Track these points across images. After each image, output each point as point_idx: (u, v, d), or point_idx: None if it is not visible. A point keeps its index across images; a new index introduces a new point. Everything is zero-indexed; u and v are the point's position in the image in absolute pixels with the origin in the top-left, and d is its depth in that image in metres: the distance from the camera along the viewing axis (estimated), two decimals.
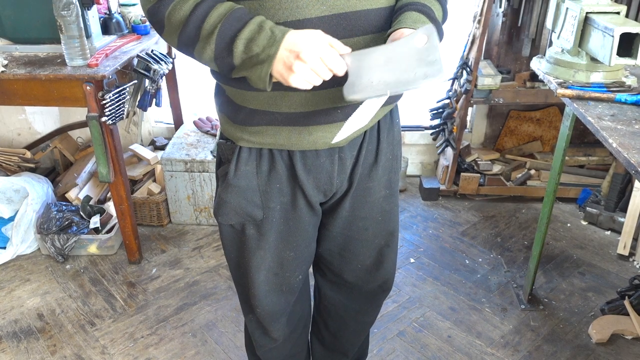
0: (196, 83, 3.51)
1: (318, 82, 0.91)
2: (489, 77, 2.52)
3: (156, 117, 3.11)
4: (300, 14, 0.96)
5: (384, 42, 0.97)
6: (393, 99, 1.16)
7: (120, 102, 2.04)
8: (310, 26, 0.97)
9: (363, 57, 0.91)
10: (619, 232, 2.46)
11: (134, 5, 2.44)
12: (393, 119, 1.23)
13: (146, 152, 2.73)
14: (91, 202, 2.53)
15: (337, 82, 1.02)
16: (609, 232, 2.57)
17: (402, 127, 1.30)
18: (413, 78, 0.88)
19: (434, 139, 2.89)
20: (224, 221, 1.21)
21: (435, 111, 2.78)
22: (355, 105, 0.98)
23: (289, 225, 1.21)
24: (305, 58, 0.88)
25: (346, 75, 0.93)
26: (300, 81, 0.90)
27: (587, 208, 2.63)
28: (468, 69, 2.56)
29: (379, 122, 1.18)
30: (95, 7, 2.10)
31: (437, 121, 2.78)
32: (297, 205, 1.18)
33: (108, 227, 2.47)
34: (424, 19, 0.99)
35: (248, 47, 0.91)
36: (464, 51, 2.63)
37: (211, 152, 2.55)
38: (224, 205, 1.18)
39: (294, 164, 1.12)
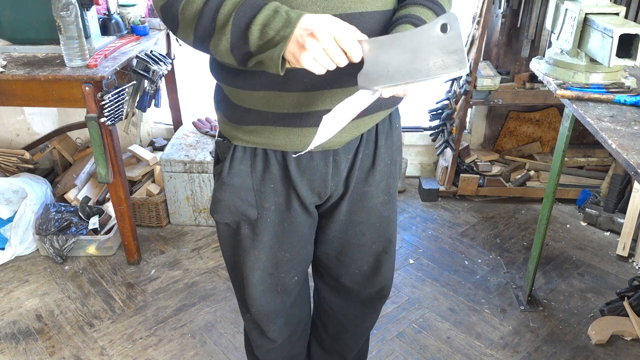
0: (195, 84, 3.51)
1: (331, 66, 0.87)
2: (488, 78, 2.52)
3: (155, 118, 3.10)
4: None
5: None
6: (392, 102, 1.16)
7: (119, 103, 2.03)
8: None
9: (380, 44, 0.85)
10: (619, 233, 2.46)
11: (133, 5, 2.44)
12: (392, 123, 1.22)
13: (145, 153, 2.73)
14: (90, 203, 2.53)
15: (334, 83, 1.02)
16: (608, 233, 2.57)
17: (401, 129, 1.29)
18: (432, 68, 0.82)
19: (433, 140, 2.89)
20: (220, 219, 1.21)
21: (435, 112, 2.78)
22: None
23: (284, 225, 1.20)
24: (318, 35, 0.83)
25: (355, 70, 0.89)
26: (311, 61, 0.85)
27: (587, 209, 2.63)
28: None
29: (377, 125, 1.17)
30: (94, 7, 2.10)
31: (436, 122, 2.78)
32: (291, 206, 1.18)
33: (107, 228, 2.46)
34: None
35: (263, 32, 0.88)
36: None
37: (210, 153, 2.55)
38: (218, 203, 1.18)
39: (288, 165, 1.12)
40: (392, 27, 1.01)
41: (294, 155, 1.06)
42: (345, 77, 1.02)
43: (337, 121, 0.91)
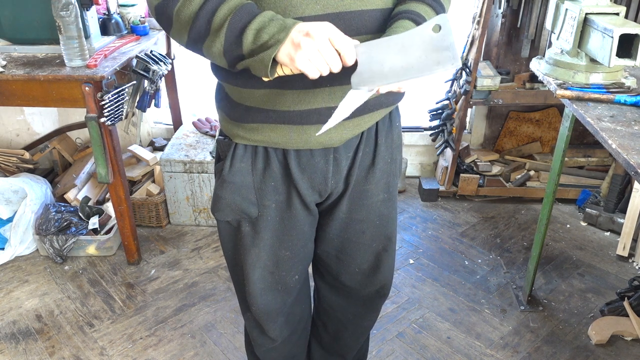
0: (195, 84, 3.51)
1: (325, 69, 0.88)
2: (488, 78, 2.52)
3: (155, 118, 3.10)
4: (294, 12, 0.96)
5: None
6: (392, 100, 1.16)
7: (119, 103, 2.03)
8: None
9: (374, 47, 0.88)
10: (619, 233, 2.46)
11: (133, 5, 2.44)
12: (393, 121, 1.22)
13: (145, 153, 2.73)
14: (90, 203, 2.52)
15: (334, 81, 1.02)
16: (608, 233, 2.57)
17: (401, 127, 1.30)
18: (425, 65, 0.85)
19: (433, 140, 2.89)
20: (220, 217, 1.21)
21: (435, 112, 2.78)
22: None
23: (285, 224, 1.21)
24: (313, 35, 0.85)
25: (352, 68, 0.91)
26: (306, 61, 0.86)
27: (587, 209, 2.63)
28: (467, 70, 2.56)
29: (377, 123, 1.18)
30: (94, 7, 2.10)
31: (436, 122, 2.78)
32: (292, 204, 1.18)
33: (107, 228, 2.46)
34: None
35: (257, 36, 0.89)
36: (463, 52, 2.63)
37: (210, 152, 2.55)
38: (219, 201, 1.19)
39: (289, 163, 1.13)
40: (391, 22, 1.01)
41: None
42: (346, 75, 1.03)
43: (335, 117, 0.94)
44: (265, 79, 0.94)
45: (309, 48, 0.85)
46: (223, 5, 0.92)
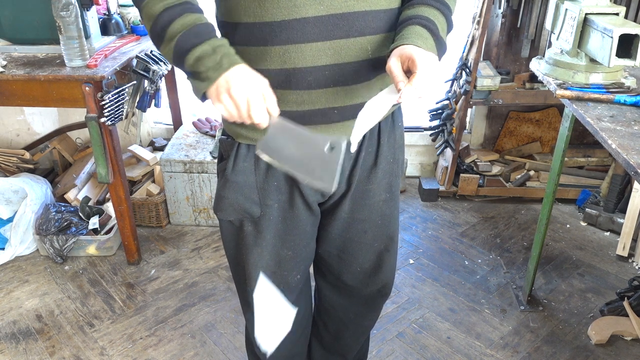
0: None
1: (239, 120, 0.95)
2: (488, 78, 2.52)
3: (155, 118, 3.10)
4: (298, 12, 0.96)
5: (387, 56, 0.97)
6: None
7: (119, 103, 2.03)
8: (307, 26, 0.97)
9: (284, 128, 0.95)
10: (618, 233, 2.46)
11: (133, 5, 2.44)
12: (395, 121, 1.22)
13: (145, 153, 2.73)
14: (90, 203, 2.53)
15: (337, 81, 1.02)
16: (608, 233, 2.57)
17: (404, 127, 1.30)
18: (309, 172, 0.93)
19: (433, 140, 2.89)
20: (223, 217, 1.22)
21: (435, 112, 2.78)
22: (354, 106, 0.99)
23: (287, 223, 1.21)
24: (234, 94, 0.92)
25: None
26: (222, 111, 0.94)
27: (587, 209, 2.63)
28: (467, 70, 2.56)
29: (379, 123, 1.18)
30: (94, 7, 2.10)
31: (436, 122, 2.78)
32: (294, 204, 1.18)
33: (107, 228, 2.46)
34: (427, 35, 0.98)
35: (196, 64, 0.95)
36: (463, 52, 2.63)
37: (210, 152, 2.55)
38: (222, 201, 1.19)
39: None
40: (401, 27, 1.01)
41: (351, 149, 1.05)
42: (349, 76, 1.03)
43: (368, 118, 0.98)
44: None
45: (226, 104, 0.93)
46: (179, 19, 0.97)
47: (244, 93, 0.92)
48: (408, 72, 0.94)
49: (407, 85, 0.92)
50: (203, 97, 0.97)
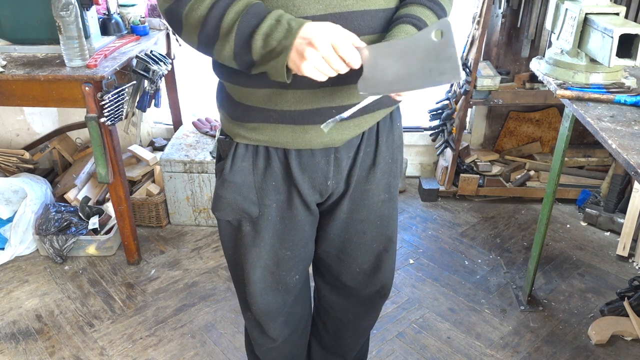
0: (195, 84, 3.51)
1: (332, 73, 0.90)
2: (488, 78, 2.52)
3: (155, 118, 3.10)
4: (297, 12, 0.96)
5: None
6: (392, 100, 1.16)
7: (119, 103, 2.03)
8: None
9: (378, 52, 0.89)
10: (619, 233, 2.46)
11: (133, 5, 2.44)
12: (394, 121, 1.22)
13: (145, 153, 2.73)
14: (90, 203, 2.53)
15: (335, 81, 1.02)
16: (608, 233, 2.57)
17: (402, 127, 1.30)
18: (427, 75, 0.86)
19: (433, 140, 2.89)
20: (221, 217, 1.22)
21: (435, 112, 2.78)
22: (352, 106, 0.98)
23: (285, 223, 1.21)
24: (317, 44, 0.87)
25: (357, 72, 0.92)
26: (312, 69, 0.89)
27: (587, 209, 2.63)
28: (467, 70, 2.56)
29: (378, 124, 1.18)
30: (94, 7, 2.10)
31: (436, 122, 2.78)
32: (293, 204, 1.18)
33: (107, 228, 2.46)
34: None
35: (266, 42, 0.91)
36: (463, 52, 2.63)
37: (210, 152, 2.55)
38: (220, 201, 1.19)
39: (289, 163, 1.13)
40: (392, 26, 1.01)
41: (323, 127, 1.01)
42: (348, 75, 1.03)
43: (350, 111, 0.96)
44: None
45: (313, 58, 0.88)
46: (231, 8, 0.93)
47: (326, 40, 0.87)
48: None
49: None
50: (288, 72, 0.92)
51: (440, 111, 2.75)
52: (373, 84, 0.90)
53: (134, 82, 2.16)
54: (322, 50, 0.87)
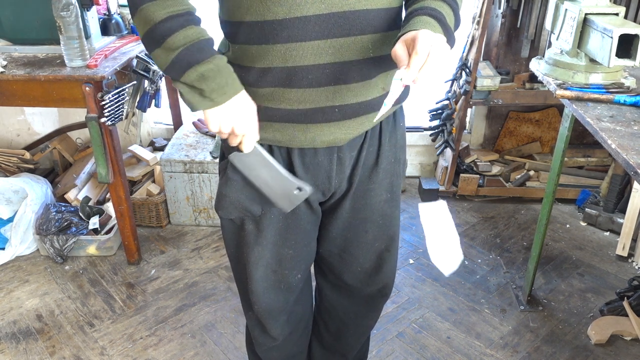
0: None
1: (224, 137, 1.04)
2: (488, 78, 2.52)
3: (155, 118, 3.10)
4: (299, 11, 0.96)
5: (394, 44, 0.93)
6: (398, 100, 1.16)
7: (120, 103, 2.04)
8: (308, 24, 0.97)
9: (263, 156, 1.07)
10: (618, 233, 2.46)
11: None
12: (397, 121, 1.22)
13: (145, 153, 2.73)
14: (90, 203, 2.53)
15: (338, 80, 1.03)
16: (608, 233, 2.57)
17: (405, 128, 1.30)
18: (272, 197, 1.10)
19: (433, 140, 2.89)
20: (224, 215, 1.22)
21: (435, 112, 2.78)
22: (355, 105, 1.02)
23: (288, 222, 1.21)
24: (235, 126, 1.00)
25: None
26: (214, 128, 1.01)
27: (586, 209, 2.63)
28: (467, 70, 2.56)
29: (381, 123, 1.18)
30: (94, 8, 2.10)
31: (436, 122, 2.78)
32: None
33: (107, 228, 2.46)
34: (434, 24, 0.95)
35: (199, 81, 0.96)
36: (463, 52, 2.63)
37: (210, 152, 2.55)
38: (223, 199, 1.19)
39: (293, 161, 1.13)
40: (408, 18, 0.98)
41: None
42: (350, 74, 1.03)
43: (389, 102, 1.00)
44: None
45: (224, 129, 1.00)
46: (182, 31, 0.96)
47: (244, 127, 1.01)
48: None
49: (405, 68, 0.89)
50: (194, 109, 1.00)
51: (440, 111, 2.75)
52: (243, 165, 1.09)
53: (134, 82, 2.17)
54: (237, 131, 1.01)
